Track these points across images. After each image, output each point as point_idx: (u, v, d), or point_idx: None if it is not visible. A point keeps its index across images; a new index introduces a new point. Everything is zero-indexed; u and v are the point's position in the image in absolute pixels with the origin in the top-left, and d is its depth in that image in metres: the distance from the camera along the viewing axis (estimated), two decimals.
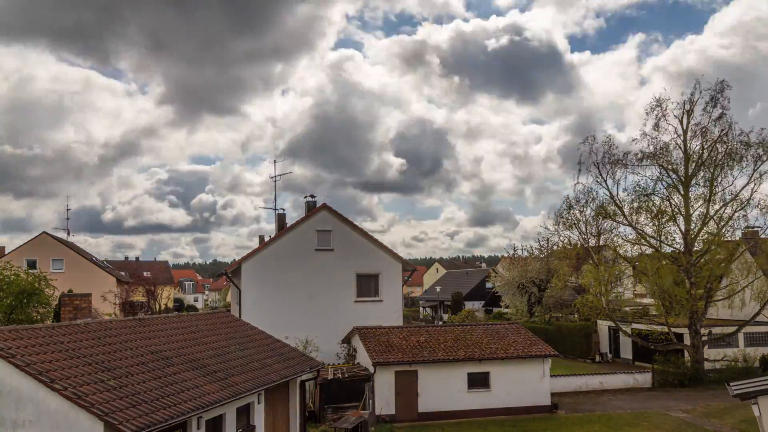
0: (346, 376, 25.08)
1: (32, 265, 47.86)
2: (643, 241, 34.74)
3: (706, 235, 33.18)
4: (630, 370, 34.85)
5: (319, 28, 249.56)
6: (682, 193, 33.48)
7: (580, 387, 31.30)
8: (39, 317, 26.76)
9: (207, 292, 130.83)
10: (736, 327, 34.09)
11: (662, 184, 33.95)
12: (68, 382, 11.93)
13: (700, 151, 33.12)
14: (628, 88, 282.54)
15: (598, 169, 35.11)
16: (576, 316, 46.50)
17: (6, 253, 53.36)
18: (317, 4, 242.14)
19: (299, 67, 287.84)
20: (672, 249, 34.52)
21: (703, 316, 33.53)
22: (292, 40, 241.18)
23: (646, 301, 47.09)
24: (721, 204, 32.94)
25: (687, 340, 33.96)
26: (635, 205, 34.28)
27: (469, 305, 62.65)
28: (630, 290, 50.50)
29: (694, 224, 33.56)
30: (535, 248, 52.53)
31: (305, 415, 21.35)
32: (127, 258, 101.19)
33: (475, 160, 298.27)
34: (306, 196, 35.02)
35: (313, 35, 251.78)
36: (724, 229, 32.92)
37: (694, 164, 33.23)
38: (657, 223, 33.95)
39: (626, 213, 34.69)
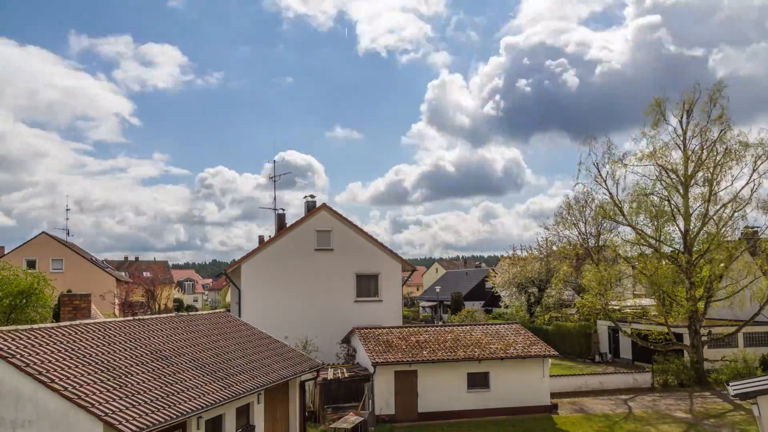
0: (346, 376, 25.08)
1: (32, 265, 47.95)
2: (642, 241, 34.74)
3: (706, 235, 33.18)
4: (629, 370, 34.85)
5: None
6: (682, 193, 33.47)
7: (579, 387, 31.30)
8: (38, 317, 26.77)
9: (206, 292, 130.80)
10: (736, 327, 34.10)
11: (662, 184, 33.95)
12: (68, 382, 11.93)
13: (700, 151, 33.14)
14: None
15: (598, 169, 35.16)
16: (576, 316, 46.50)
17: (6, 253, 53.41)
18: None
19: None
20: (672, 249, 34.53)
21: (703, 316, 33.52)
22: None
23: (646, 301, 47.06)
24: (721, 204, 32.95)
25: (686, 340, 33.97)
26: (635, 205, 34.28)
27: (468, 305, 62.65)
28: (630, 290, 50.49)
29: (693, 224, 33.57)
30: (535, 248, 52.56)
31: (305, 415, 21.35)
32: (126, 258, 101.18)
33: None
34: (306, 196, 35.08)
35: None
36: (723, 229, 32.92)
37: (693, 164, 33.24)
38: (656, 223, 33.96)
39: (626, 213, 34.69)
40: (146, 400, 12.70)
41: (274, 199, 40.16)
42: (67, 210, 60.24)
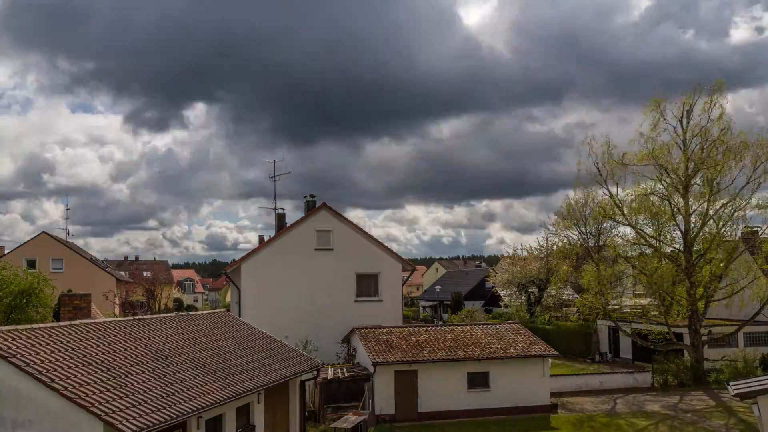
0: (346, 376, 25.08)
1: (32, 264, 47.93)
2: (642, 241, 34.74)
3: (706, 235, 33.18)
4: (630, 369, 34.85)
5: None
6: (682, 193, 33.47)
7: (579, 387, 31.29)
8: (38, 317, 26.76)
9: (207, 292, 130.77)
10: (736, 327, 34.10)
11: (662, 184, 33.94)
12: (68, 382, 11.93)
13: (700, 151, 33.14)
14: None
15: (598, 169, 35.12)
16: (576, 315, 46.48)
17: (6, 252, 53.40)
18: None
19: None
20: (672, 249, 34.53)
21: (703, 316, 33.53)
22: None
23: (646, 301, 47.03)
24: (721, 204, 32.95)
25: (687, 340, 33.96)
26: (635, 205, 34.27)
27: (468, 305, 62.62)
28: (630, 290, 50.48)
29: (693, 224, 33.57)
30: (535, 248, 52.57)
31: (305, 415, 21.36)
32: (126, 258, 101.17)
33: None
34: (306, 196, 35.04)
35: None
36: (723, 228, 32.94)
37: (693, 164, 33.24)
38: (656, 223, 33.96)
39: (626, 213, 34.68)
40: (146, 399, 12.70)
41: (275, 198, 40.20)
42: (67, 210, 60.30)
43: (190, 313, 24.46)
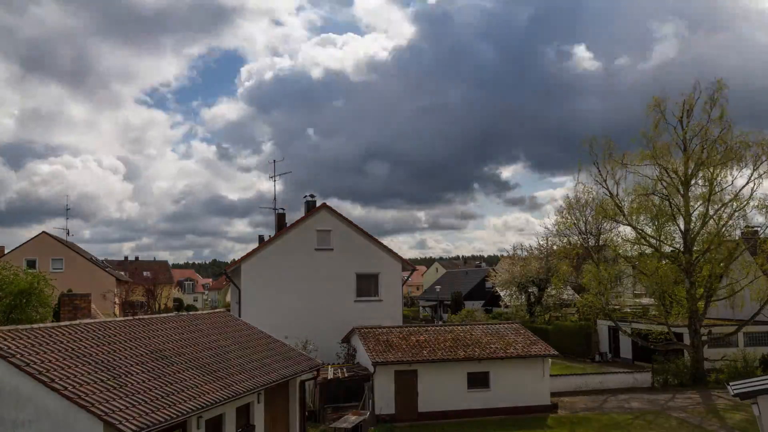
0: (346, 375, 25.08)
1: (32, 264, 47.94)
2: (643, 240, 34.73)
3: (706, 235, 33.18)
4: (630, 369, 34.83)
5: None
6: (682, 192, 33.46)
7: (579, 387, 31.29)
8: (38, 317, 26.78)
9: (207, 292, 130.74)
10: (736, 327, 34.09)
11: (662, 183, 33.93)
12: (68, 382, 11.93)
13: (700, 151, 33.14)
14: None
15: (598, 169, 35.12)
16: (576, 315, 46.52)
17: (6, 252, 53.39)
18: None
19: None
20: (672, 249, 34.52)
21: (703, 315, 33.52)
22: None
23: (646, 301, 47.05)
24: (721, 204, 32.94)
25: (687, 340, 33.96)
26: (635, 204, 34.27)
27: (468, 305, 62.63)
28: (630, 290, 50.49)
29: (693, 224, 33.57)
30: (535, 248, 52.54)
31: (305, 414, 21.35)
32: (126, 258, 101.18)
33: None
34: (306, 196, 35.07)
35: None
36: (723, 228, 32.93)
37: (693, 164, 33.23)
38: (657, 222, 33.96)
39: (626, 213, 34.68)
40: (146, 399, 12.70)
41: (274, 198, 40.25)
42: (67, 210, 60.31)
43: (190, 313, 24.47)
